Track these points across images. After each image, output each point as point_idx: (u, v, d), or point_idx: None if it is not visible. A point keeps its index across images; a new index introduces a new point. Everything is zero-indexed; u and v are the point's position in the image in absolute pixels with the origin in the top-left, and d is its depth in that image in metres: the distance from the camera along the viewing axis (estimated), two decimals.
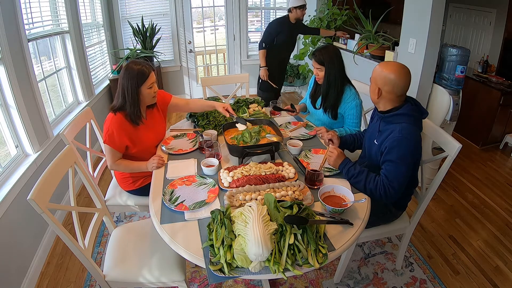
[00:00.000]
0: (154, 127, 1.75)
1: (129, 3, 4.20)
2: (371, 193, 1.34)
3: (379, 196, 1.33)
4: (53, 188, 1.19)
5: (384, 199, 1.33)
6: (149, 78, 1.55)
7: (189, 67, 4.71)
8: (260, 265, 0.99)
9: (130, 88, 1.52)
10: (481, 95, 3.35)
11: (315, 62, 1.89)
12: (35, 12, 2.36)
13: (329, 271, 1.87)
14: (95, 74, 3.56)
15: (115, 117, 1.55)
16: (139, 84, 1.53)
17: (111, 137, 1.55)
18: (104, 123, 1.58)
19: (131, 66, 1.53)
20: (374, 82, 1.36)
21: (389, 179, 1.31)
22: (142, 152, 1.69)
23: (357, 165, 1.41)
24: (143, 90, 1.56)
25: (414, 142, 1.30)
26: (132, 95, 1.53)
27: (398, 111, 1.34)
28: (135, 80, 1.52)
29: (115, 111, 1.56)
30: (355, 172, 1.38)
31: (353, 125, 1.93)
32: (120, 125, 1.55)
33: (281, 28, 3.16)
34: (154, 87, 1.60)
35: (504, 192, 2.67)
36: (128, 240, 1.48)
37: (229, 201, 1.27)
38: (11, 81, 1.84)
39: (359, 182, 1.37)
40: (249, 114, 2.12)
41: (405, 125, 1.31)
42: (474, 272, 1.89)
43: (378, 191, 1.32)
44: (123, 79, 1.53)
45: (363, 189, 1.37)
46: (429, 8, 2.29)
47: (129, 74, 1.52)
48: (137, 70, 1.52)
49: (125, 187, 1.78)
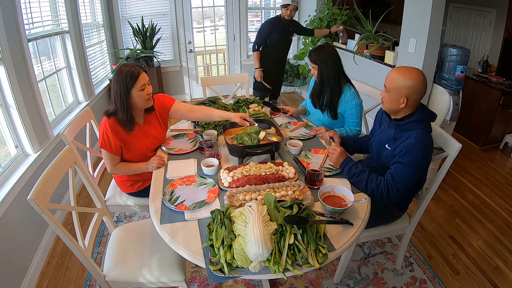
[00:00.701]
0: (150, 133, 1.68)
1: (129, 3, 4.20)
2: (372, 192, 1.34)
3: (380, 196, 1.33)
4: (53, 188, 1.19)
5: (385, 200, 1.33)
6: (140, 79, 1.47)
7: (189, 67, 4.71)
8: (260, 265, 0.99)
9: (120, 92, 1.45)
10: (481, 95, 3.35)
11: (310, 62, 1.92)
12: (35, 12, 2.36)
13: (329, 271, 1.87)
14: (95, 74, 3.56)
15: (108, 121, 1.50)
16: (129, 86, 1.46)
17: (106, 142, 1.52)
18: (99, 128, 1.56)
19: (121, 68, 1.47)
20: (398, 91, 1.31)
21: (395, 180, 1.31)
22: (137, 157, 1.65)
23: (359, 164, 1.41)
24: (133, 93, 1.47)
25: (429, 147, 1.31)
26: (122, 99, 1.46)
27: (413, 118, 1.34)
28: (124, 82, 1.44)
29: (108, 115, 1.51)
30: (357, 171, 1.38)
31: (353, 124, 1.93)
32: (113, 130, 1.51)
33: (272, 28, 3.14)
34: (147, 88, 1.51)
35: (504, 192, 2.67)
36: (128, 240, 1.48)
37: (229, 201, 1.27)
38: (11, 81, 1.84)
39: (361, 181, 1.37)
40: (249, 114, 2.12)
41: (420, 131, 1.31)
42: (474, 272, 1.89)
43: (380, 190, 1.32)
44: (113, 82, 1.47)
45: (364, 189, 1.37)
46: (429, 8, 2.30)
47: (119, 77, 1.45)
48: (126, 71, 1.44)
49: (124, 190, 1.78)
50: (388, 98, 1.36)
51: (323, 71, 1.86)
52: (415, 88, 1.28)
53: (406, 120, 1.36)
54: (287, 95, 5.16)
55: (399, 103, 1.32)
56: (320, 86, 1.92)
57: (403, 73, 1.30)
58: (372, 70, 3.27)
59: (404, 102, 1.31)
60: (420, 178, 1.48)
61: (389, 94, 1.35)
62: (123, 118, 1.51)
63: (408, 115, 1.36)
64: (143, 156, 1.66)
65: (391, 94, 1.34)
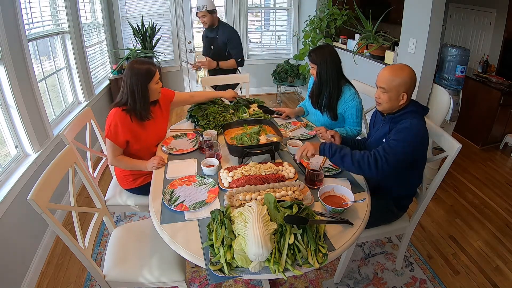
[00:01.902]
0: (156, 124, 1.76)
1: (129, 3, 4.20)
2: (359, 164, 1.30)
3: (367, 166, 1.29)
4: (53, 188, 1.19)
5: (373, 170, 1.29)
6: (156, 74, 1.62)
7: (189, 67, 4.71)
8: (260, 265, 0.99)
9: (140, 85, 1.56)
10: (481, 95, 3.35)
11: (310, 62, 1.91)
12: (35, 12, 2.36)
13: (329, 271, 1.87)
14: (95, 74, 3.56)
15: (119, 112, 1.58)
16: (148, 80, 1.58)
17: (114, 131, 1.56)
18: (107, 118, 1.60)
19: (136, 65, 1.57)
20: (396, 90, 1.34)
21: (386, 151, 1.30)
22: (143, 150, 1.71)
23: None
24: (151, 86, 1.60)
25: (421, 132, 1.33)
26: (143, 92, 1.57)
27: (407, 109, 1.38)
28: (144, 77, 1.56)
29: (119, 106, 1.59)
30: (338, 147, 1.36)
31: (353, 124, 1.92)
32: (124, 120, 1.58)
33: (203, 39, 3.03)
34: (159, 83, 1.66)
35: (504, 192, 2.67)
36: (128, 240, 1.48)
37: (229, 201, 1.27)
38: (11, 81, 1.84)
39: (345, 155, 1.33)
40: (249, 114, 2.12)
41: (415, 120, 1.34)
42: (474, 272, 1.89)
43: (367, 160, 1.29)
44: (131, 78, 1.55)
45: (350, 161, 1.32)
46: (429, 8, 2.29)
47: (138, 72, 1.56)
48: (145, 68, 1.57)
49: (125, 185, 1.78)
50: (388, 98, 1.37)
51: (322, 72, 1.86)
52: (411, 82, 1.35)
53: (401, 112, 1.40)
54: (287, 95, 5.16)
55: (399, 100, 1.36)
56: (319, 86, 1.91)
57: (397, 72, 1.35)
58: (372, 70, 3.27)
59: (404, 98, 1.36)
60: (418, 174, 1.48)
61: (388, 94, 1.36)
62: (143, 109, 1.61)
63: (402, 108, 1.41)
64: (148, 150, 1.74)
65: (390, 93, 1.36)
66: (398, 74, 1.33)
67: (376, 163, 1.29)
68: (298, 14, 4.76)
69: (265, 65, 4.96)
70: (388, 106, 1.40)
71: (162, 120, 1.84)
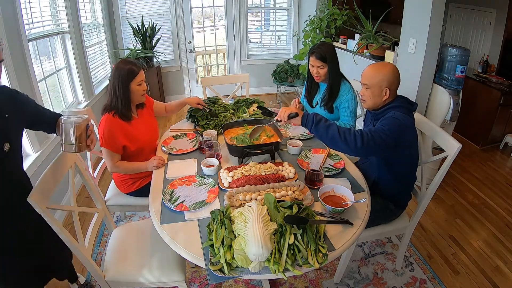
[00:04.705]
0: (145, 122, 1.77)
1: (129, 3, 4.20)
2: (345, 136, 1.27)
3: (353, 139, 1.26)
4: (53, 188, 1.19)
5: (358, 145, 1.25)
6: (139, 75, 1.60)
7: (189, 67, 4.71)
8: (260, 265, 0.99)
9: (121, 85, 1.56)
10: (481, 95, 3.35)
11: (317, 60, 1.84)
12: (35, 12, 2.36)
13: (329, 271, 1.87)
14: (95, 74, 3.55)
15: (108, 118, 1.57)
16: (129, 80, 1.57)
17: (107, 139, 1.55)
18: (99, 127, 1.60)
19: (120, 65, 1.58)
20: (379, 85, 1.39)
21: (371, 130, 1.29)
22: (140, 150, 1.70)
23: None
24: (132, 86, 1.59)
25: (406, 121, 1.34)
26: (124, 91, 1.57)
27: (391, 104, 1.42)
28: (125, 77, 1.56)
29: (108, 111, 1.59)
30: (324, 118, 1.33)
31: (347, 119, 1.92)
32: (114, 125, 1.57)
33: None
34: (143, 85, 1.64)
35: (504, 192, 2.67)
36: (128, 240, 1.48)
37: (229, 201, 1.27)
38: (11, 81, 1.84)
39: (331, 125, 1.30)
40: (249, 114, 2.12)
41: (398, 113, 1.37)
42: (474, 272, 1.89)
43: (353, 133, 1.27)
44: (113, 78, 1.57)
45: (336, 132, 1.28)
46: (429, 8, 2.29)
47: (120, 72, 1.56)
48: (128, 68, 1.56)
49: (124, 190, 1.78)
50: (371, 94, 1.42)
51: (333, 67, 1.87)
52: (394, 77, 1.39)
53: (384, 107, 1.43)
54: (287, 95, 5.16)
55: (382, 95, 1.41)
56: (332, 83, 1.89)
57: (379, 68, 1.40)
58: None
59: (387, 93, 1.39)
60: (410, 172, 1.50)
61: (371, 90, 1.42)
62: (124, 108, 1.59)
63: (386, 104, 1.44)
64: (145, 149, 1.74)
65: (373, 89, 1.41)
66: (380, 70, 1.38)
67: (362, 138, 1.26)
68: (298, 14, 4.76)
69: (265, 65, 4.96)
70: (372, 102, 1.44)
71: (152, 119, 1.85)
